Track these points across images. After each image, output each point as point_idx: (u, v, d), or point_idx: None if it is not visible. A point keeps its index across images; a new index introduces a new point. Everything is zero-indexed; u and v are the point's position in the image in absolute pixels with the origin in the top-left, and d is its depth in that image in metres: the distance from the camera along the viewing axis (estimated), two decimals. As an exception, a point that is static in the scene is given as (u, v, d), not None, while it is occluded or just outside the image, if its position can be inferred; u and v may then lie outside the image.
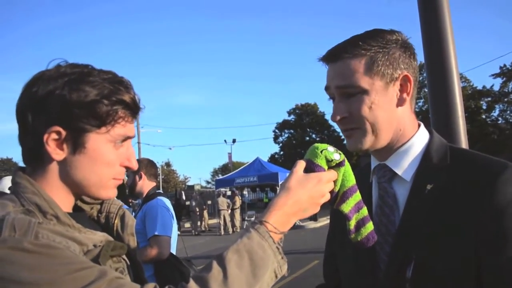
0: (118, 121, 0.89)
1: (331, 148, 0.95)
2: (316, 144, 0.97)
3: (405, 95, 1.03)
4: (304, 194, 0.90)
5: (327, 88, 1.07)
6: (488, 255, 0.89)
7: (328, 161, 0.94)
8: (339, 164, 0.95)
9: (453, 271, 0.91)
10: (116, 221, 1.04)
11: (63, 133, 0.85)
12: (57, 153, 0.86)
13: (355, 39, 1.03)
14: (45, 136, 0.84)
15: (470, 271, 0.90)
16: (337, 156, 0.94)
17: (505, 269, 0.87)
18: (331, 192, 0.95)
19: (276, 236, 0.87)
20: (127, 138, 0.93)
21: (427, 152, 1.05)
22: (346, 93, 1.02)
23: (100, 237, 0.89)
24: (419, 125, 1.09)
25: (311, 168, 0.93)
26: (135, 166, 0.95)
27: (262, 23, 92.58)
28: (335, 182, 0.95)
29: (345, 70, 1.01)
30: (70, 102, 0.84)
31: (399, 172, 1.05)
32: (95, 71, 0.89)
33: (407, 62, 1.03)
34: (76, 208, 0.97)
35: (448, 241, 0.92)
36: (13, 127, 0.91)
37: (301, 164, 0.94)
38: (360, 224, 0.96)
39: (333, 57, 1.04)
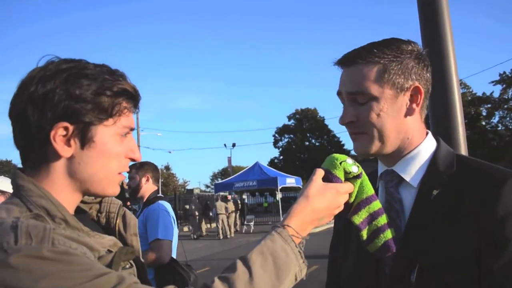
0: (124, 112, 0.88)
1: (349, 160, 0.97)
2: (335, 155, 0.98)
3: (414, 105, 1.04)
4: (322, 204, 0.91)
5: (339, 93, 1.08)
6: (489, 259, 0.90)
7: (346, 173, 0.96)
8: (356, 176, 0.96)
9: (457, 276, 0.92)
10: (118, 221, 1.02)
11: (70, 128, 0.83)
12: (65, 150, 0.84)
13: (370, 46, 1.04)
14: (52, 133, 0.82)
15: (473, 276, 0.91)
16: (355, 168, 0.96)
17: (504, 274, 0.88)
18: (345, 202, 0.96)
19: (297, 240, 0.88)
20: (131, 129, 0.92)
21: (434, 159, 1.06)
22: (356, 99, 1.03)
23: (108, 241, 0.87)
24: (427, 133, 1.10)
25: (328, 178, 0.95)
26: (139, 157, 0.94)
27: (263, 28, 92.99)
28: (350, 193, 0.97)
29: (357, 76, 1.02)
30: (73, 97, 0.82)
31: (406, 177, 1.06)
32: (90, 64, 0.88)
33: (419, 73, 1.04)
34: (76, 209, 0.94)
35: (452, 246, 0.93)
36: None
37: (319, 173, 0.95)
38: (374, 234, 0.98)
39: (347, 62, 1.05)
